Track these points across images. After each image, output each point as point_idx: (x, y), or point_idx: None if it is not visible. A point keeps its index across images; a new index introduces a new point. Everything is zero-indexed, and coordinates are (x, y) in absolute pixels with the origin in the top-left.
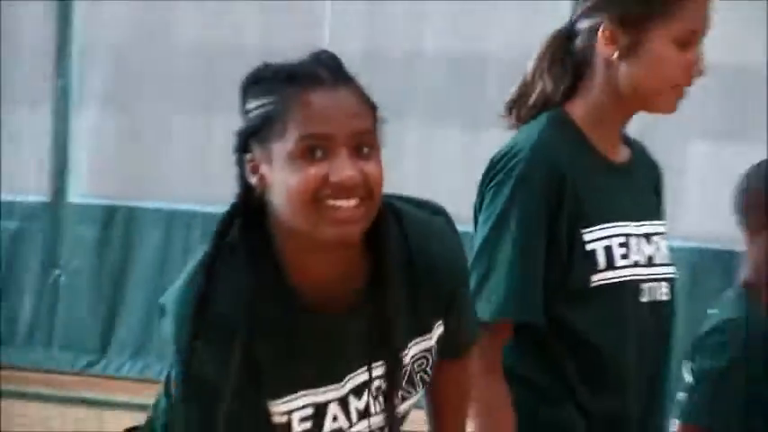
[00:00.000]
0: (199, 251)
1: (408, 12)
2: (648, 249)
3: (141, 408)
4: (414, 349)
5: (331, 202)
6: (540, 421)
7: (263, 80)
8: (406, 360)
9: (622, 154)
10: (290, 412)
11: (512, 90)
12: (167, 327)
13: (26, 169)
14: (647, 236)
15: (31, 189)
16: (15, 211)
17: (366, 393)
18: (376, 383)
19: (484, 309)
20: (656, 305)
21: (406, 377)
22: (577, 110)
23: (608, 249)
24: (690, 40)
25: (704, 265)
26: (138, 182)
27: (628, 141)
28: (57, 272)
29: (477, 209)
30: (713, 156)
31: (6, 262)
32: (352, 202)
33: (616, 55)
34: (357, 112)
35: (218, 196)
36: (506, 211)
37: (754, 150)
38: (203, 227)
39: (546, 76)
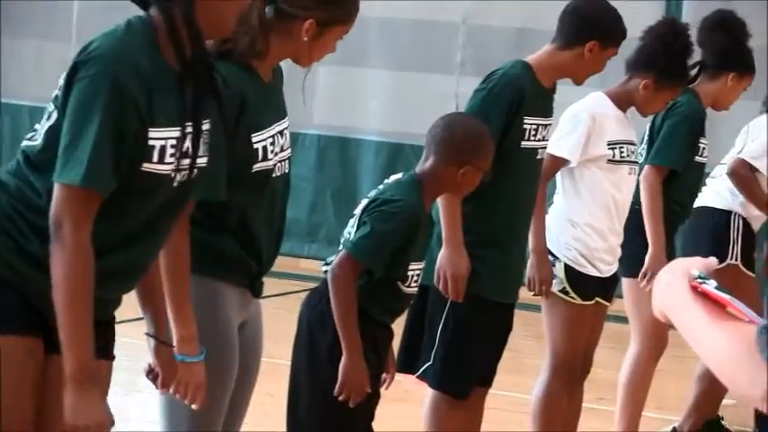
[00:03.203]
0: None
1: None
2: (281, 140)
3: None
4: None
5: None
6: (206, 248)
7: None
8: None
9: (270, 76)
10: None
11: None
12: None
13: None
14: (281, 132)
15: None
16: None
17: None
18: None
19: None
20: (283, 176)
21: None
22: (264, 60)
23: (264, 148)
24: (340, 37)
25: (328, 145)
26: None
27: (273, 69)
28: None
29: None
30: (336, 74)
31: None
32: None
33: (306, 38)
34: None
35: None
36: None
37: (365, 73)
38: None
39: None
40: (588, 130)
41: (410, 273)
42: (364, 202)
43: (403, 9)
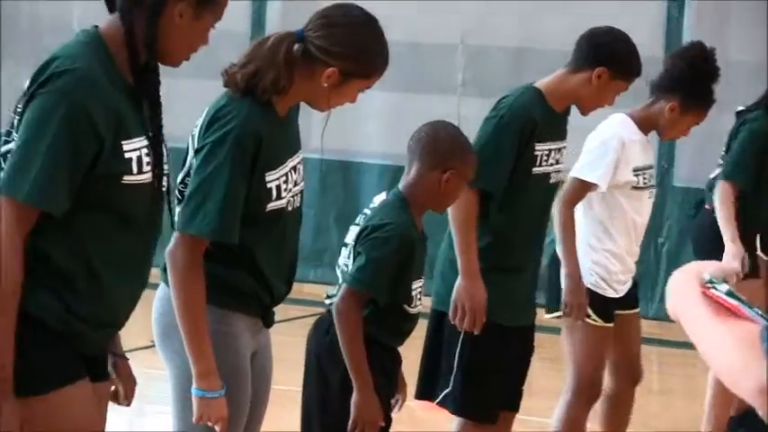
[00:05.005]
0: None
1: None
2: (294, 176)
3: None
4: None
5: None
6: (219, 281)
7: None
8: None
9: (286, 111)
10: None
11: None
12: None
13: None
14: (295, 167)
15: None
16: None
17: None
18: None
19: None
20: (295, 211)
21: None
22: (284, 98)
23: (278, 186)
24: (362, 90)
25: (330, 169)
26: None
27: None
28: None
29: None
30: None
31: None
32: None
33: (326, 84)
34: None
35: None
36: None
37: (365, 96)
38: None
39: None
40: (617, 157)
41: (413, 292)
42: (355, 230)
43: (401, 30)
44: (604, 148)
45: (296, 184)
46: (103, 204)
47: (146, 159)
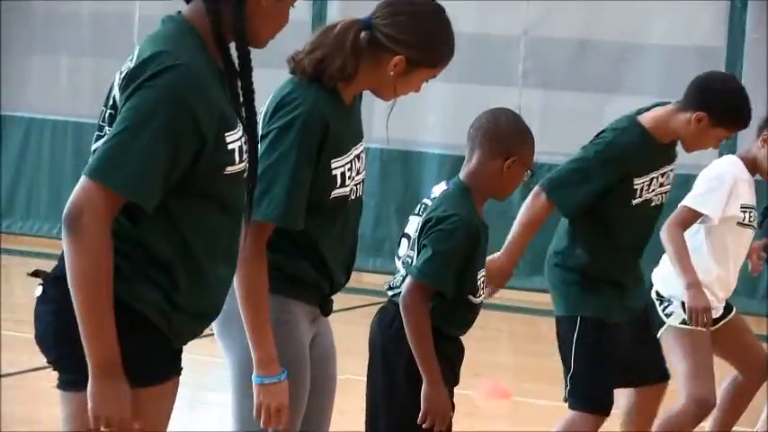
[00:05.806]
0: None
1: None
2: (358, 164)
3: None
4: None
5: None
6: (280, 269)
7: None
8: None
9: (351, 99)
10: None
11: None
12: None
13: None
14: (358, 155)
15: None
16: None
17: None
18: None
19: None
20: (357, 200)
21: None
22: (349, 85)
23: (342, 174)
24: (426, 80)
25: (390, 158)
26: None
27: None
28: None
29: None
30: None
31: None
32: None
33: (392, 73)
34: None
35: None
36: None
37: (426, 86)
38: None
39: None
40: (730, 190)
41: (478, 282)
42: (415, 220)
43: (463, 22)
44: (717, 181)
45: (359, 173)
46: (203, 193)
47: (244, 147)
